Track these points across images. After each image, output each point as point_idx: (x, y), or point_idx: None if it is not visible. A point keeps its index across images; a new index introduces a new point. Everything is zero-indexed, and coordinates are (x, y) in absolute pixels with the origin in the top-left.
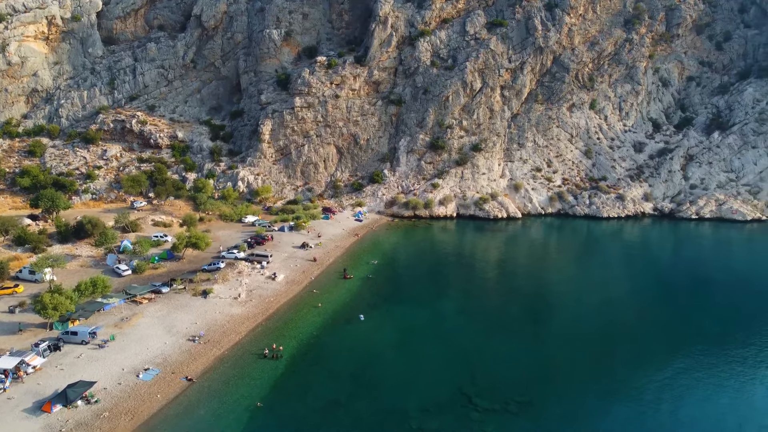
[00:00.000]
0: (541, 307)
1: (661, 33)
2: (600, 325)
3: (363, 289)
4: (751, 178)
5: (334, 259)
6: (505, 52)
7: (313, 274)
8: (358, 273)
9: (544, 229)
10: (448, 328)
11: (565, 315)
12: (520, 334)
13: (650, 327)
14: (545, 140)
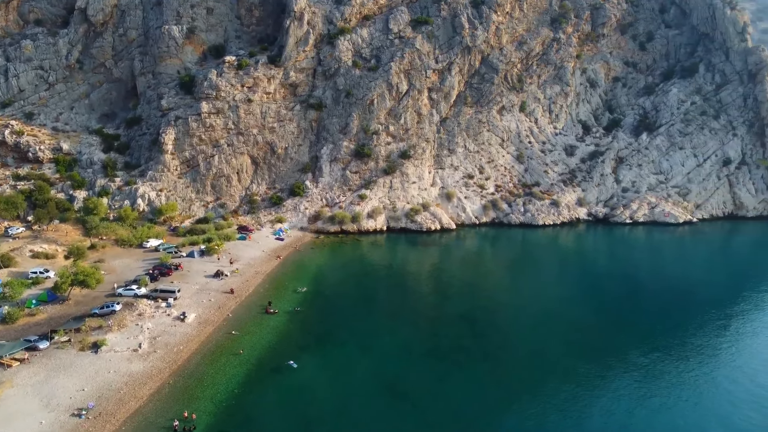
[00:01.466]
0: (483, 331)
1: (587, 32)
2: (540, 343)
3: (291, 325)
4: (679, 179)
5: (254, 289)
6: (431, 52)
7: (231, 310)
8: (283, 305)
9: (479, 241)
10: (394, 372)
11: (510, 337)
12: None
13: (582, 340)
14: (476, 145)
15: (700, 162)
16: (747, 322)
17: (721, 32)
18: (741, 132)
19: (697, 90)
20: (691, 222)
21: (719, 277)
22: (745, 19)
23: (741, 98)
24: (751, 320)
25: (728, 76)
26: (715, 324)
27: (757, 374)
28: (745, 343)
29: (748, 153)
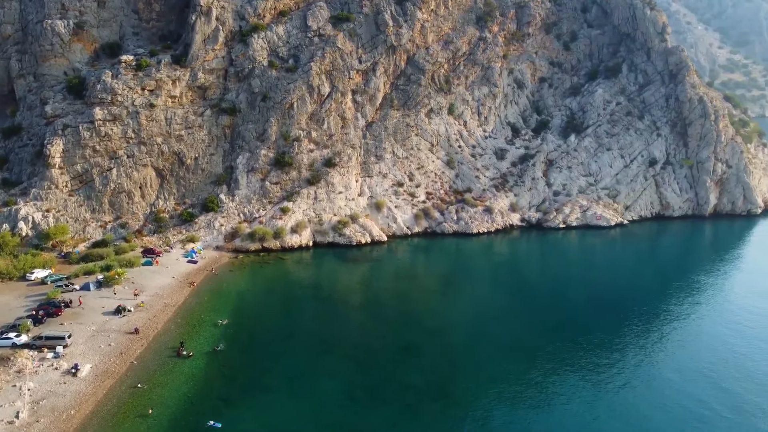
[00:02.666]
0: (429, 362)
1: (513, 32)
2: (486, 368)
3: (211, 371)
4: (608, 181)
5: (164, 326)
6: (354, 51)
7: (136, 355)
8: (200, 344)
9: (412, 254)
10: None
11: (457, 366)
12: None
13: (527, 357)
14: (405, 151)
15: (628, 163)
16: (674, 320)
17: (642, 32)
18: (665, 132)
19: (621, 90)
20: (623, 224)
21: (648, 279)
22: (663, 19)
23: (663, 98)
24: (678, 318)
25: (650, 76)
26: (645, 324)
27: (684, 370)
28: (673, 341)
29: (672, 153)
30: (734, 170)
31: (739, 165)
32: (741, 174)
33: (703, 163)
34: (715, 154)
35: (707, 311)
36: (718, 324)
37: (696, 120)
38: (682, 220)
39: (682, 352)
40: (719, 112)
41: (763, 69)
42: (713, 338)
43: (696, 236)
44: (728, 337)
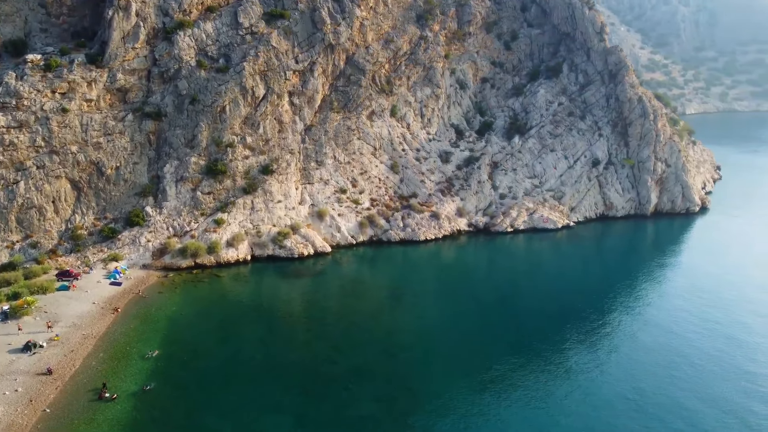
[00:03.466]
0: (385, 389)
1: (454, 31)
2: (444, 393)
3: (140, 415)
4: (553, 182)
5: (83, 362)
6: (290, 50)
7: (49, 402)
8: (126, 383)
9: (357, 265)
10: None
11: (416, 392)
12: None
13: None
14: (347, 155)
15: (571, 164)
16: (621, 324)
17: (581, 32)
18: (606, 132)
19: (562, 90)
20: (569, 226)
21: (596, 282)
22: (602, 19)
23: (604, 98)
24: (624, 322)
25: (591, 76)
26: (593, 330)
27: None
28: (618, 345)
29: (614, 153)
30: (673, 169)
31: (677, 164)
32: (680, 173)
33: (644, 163)
34: (654, 154)
35: (651, 313)
36: (660, 326)
37: (636, 120)
38: (625, 220)
39: (628, 354)
40: (657, 112)
41: (681, 68)
42: (655, 340)
43: (639, 236)
44: (670, 339)
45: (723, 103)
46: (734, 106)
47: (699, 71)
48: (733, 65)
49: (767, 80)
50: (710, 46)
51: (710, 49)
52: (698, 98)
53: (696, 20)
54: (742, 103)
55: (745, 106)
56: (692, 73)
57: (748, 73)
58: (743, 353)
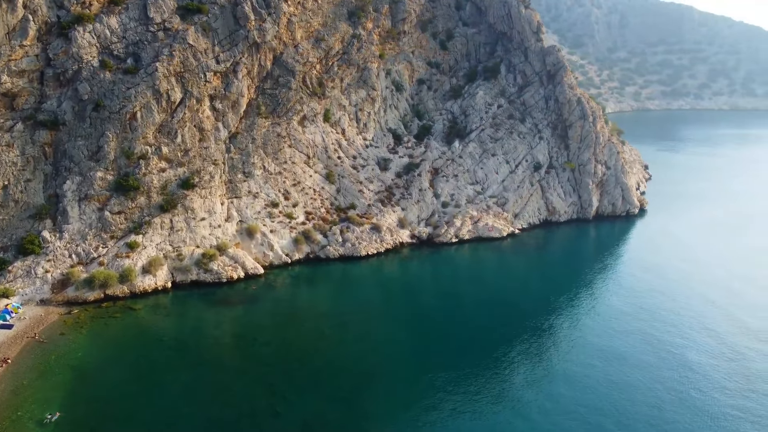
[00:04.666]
0: None
1: (388, 29)
2: None
3: None
4: (495, 188)
5: None
6: (210, 49)
7: None
8: None
9: (293, 287)
10: None
11: None
12: None
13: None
14: (278, 165)
15: (513, 168)
16: (567, 331)
17: (518, 31)
18: (546, 135)
19: (501, 92)
20: (514, 234)
21: (541, 291)
22: (538, 18)
23: (543, 100)
24: (569, 328)
25: (529, 77)
26: (539, 339)
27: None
28: (563, 354)
29: (555, 156)
30: (613, 171)
31: (617, 166)
32: (619, 175)
33: (585, 166)
34: (595, 156)
35: (595, 319)
36: (606, 330)
37: (576, 122)
38: (568, 225)
39: (572, 361)
40: (596, 113)
41: (597, 69)
42: (599, 345)
43: (583, 241)
44: (614, 344)
45: (637, 102)
46: (647, 105)
47: (613, 71)
48: (644, 66)
49: (675, 80)
50: (622, 47)
51: (622, 50)
52: (614, 98)
53: (608, 22)
54: (654, 102)
55: (656, 105)
56: (607, 73)
57: (657, 74)
58: (690, 355)
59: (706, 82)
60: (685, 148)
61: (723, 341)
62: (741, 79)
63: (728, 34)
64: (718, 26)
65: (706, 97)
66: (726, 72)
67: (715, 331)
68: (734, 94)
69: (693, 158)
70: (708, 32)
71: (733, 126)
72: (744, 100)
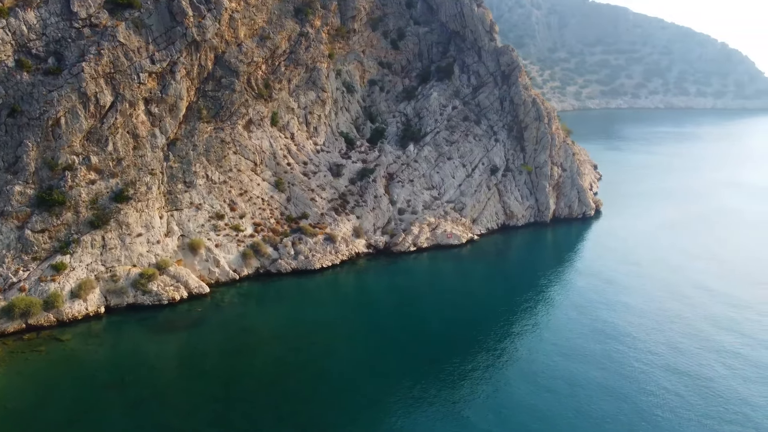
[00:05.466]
0: None
1: (337, 27)
2: None
3: None
4: (452, 193)
5: None
6: (143, 48)
7: None
8: None
9: (242, 306)
10: None
11: None
12: None
13: None
14: (222, 174)
15: (470, 172)
16: (521, 337)
17: (471, 30)
18: (502, 137)
19: (455, 93)
20: (473, 240)
21: (499, 299)
22: (491, 17)
23: (498, 101)
24: (526, 337)
25: (483, 77)
26: (495, 345)
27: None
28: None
29: (511, 159)
30: (569, 173)
31: (572, 167)
32: (575, 176)
33: (542, 168)
34: (551, 158)
35: (555, 329)
36: (565, 341)
37: (531, 123)
38: (526, 229)
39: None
40: (551, 114)
41: (539, 69)
42: (559, 353)
43: (541, 245)
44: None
45: (578, 101)
46: (588, 105)
47: (554, 71)
48: (583, 65)
49: (613, 80)
50: (562, 47)
51: (562, 50)
52: (556, 97)
53: (548, 23)
54: (594, 101)
55: (596, 104)
56: (549, 73)
57: (596, 73)
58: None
59: (642, 82)
60: (629, 146)
61: (685, 355)
62: (674, 78)
63: (661, 35)
64: (652, 27)
65: (642, 96)
66: (660, 72)
67: (677, 347)
68: (668, 93)
69: (638, 156)
70: (642, 33)
71: (669, 124)
72: (677, 99)
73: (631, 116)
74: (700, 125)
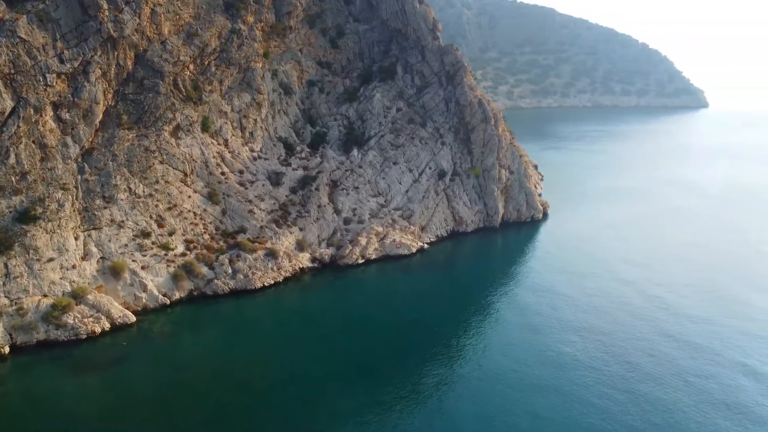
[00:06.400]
0: None
1: (272, 24)
2: None
3: None
4: (400, 200)
5: None
6: (50, 45)
7: None
8: None
9: (173, 336)
10: None
11: None
12: None
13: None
14: (147, 186)
15: (417, 177)
16: (470, 347)
17: (414, 28)
18: (449, 140)
19: (399, 94)
20: (423, 249)
21: (448, 309)
22: (433, 14)
23: (443, 102)
24: (474, 344)
25: (427, 77)
26: (444, 357)
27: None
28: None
29: (459, 162)
30: (516, 176)
31: (520, 170)
32: (522, 179)
33: (490, 171)
34: (499, 161)
35: (504, 340)
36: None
37: (478, 125)
38: (475, 234)
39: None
40: (497, 116)
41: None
42: (508, 363)
43: (492, 252)
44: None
45: (510, 101)
46: (520, 104)
47: (486, 71)
48: (514, 65)
49: (543, 79)
50: (493, 47)
51: (493, 50)
52: (489, 96)
53: (479, 23)
54: (525, 101)
55: (528, 103)
56: (481, 72)
57: (527, 73)
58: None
59: (570, 81)
60: (565, 145)
61: (637, 369)
62: (600, 78)
63: (587, 35)
64: (578, 28)
65: (571, 95)
66: (587, 71)
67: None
68: (595, 92)
69: (574, 155)
70: (569, 34)
71: (599, 123)
72: (604, 98)
73: (561, 115)
74: (629, 123)
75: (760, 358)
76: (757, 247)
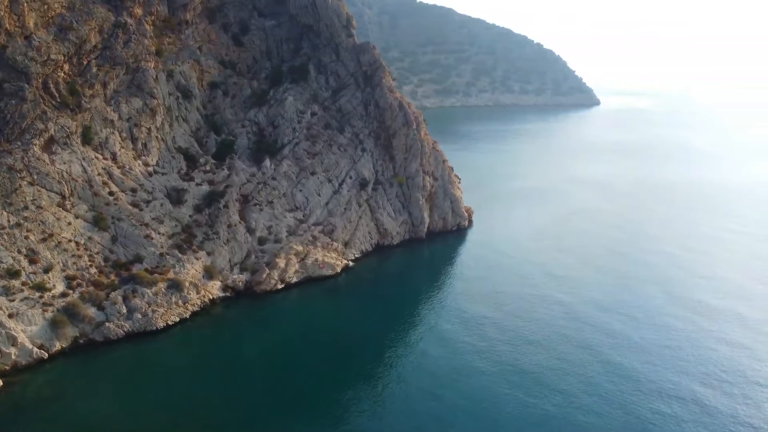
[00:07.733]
0: None
1: (165, 18)
2: None
3: None
4: (320, 213)
5: None
6: None
7: None
8: None
9: (54, 401)
10: None
11: None
12: None
13: None
14: (14, 213)
15: (337, 188)
16: (399, 370)
17: (326, 25)
18: (369, 146)
19: (313, 97)
20: (348, 267)
21: (376, 330)
22: (346, 9)
23: (362, 105)
24: (403, 366)
25: (343, 78)
26: (372, 382)
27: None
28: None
29: (380, 170)
30: (441, 182)
31: (444, 176)
32: (447, 186)
33: (413, 179)
34: (422, 167)
35: (435, 359)
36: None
37: (400, 129)
38: (401, 247)
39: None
40: (419, 119)
41: None
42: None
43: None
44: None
45: (414, 100)
46: (424, 104)
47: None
48: (417, 65)
49: (445, 79)
50: (395, 47)
51: (395, 50)
52: None
53: (380, 22)
54: (430, 100)
55: (432, 103)
56: None
57: (429, 72)
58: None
59: (471, 81)
60: (474, 145)
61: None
62: (500, 77)
63: (485, 36)
64: (476, 28)
65: (473, 94)
66: (487, 71)
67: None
68: (496, 91)
69: (485, 156)
70: (468, 34)
71: (502, 122)
72: (504, 97)
73: (465, 114)
74: (530, 122)
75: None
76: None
